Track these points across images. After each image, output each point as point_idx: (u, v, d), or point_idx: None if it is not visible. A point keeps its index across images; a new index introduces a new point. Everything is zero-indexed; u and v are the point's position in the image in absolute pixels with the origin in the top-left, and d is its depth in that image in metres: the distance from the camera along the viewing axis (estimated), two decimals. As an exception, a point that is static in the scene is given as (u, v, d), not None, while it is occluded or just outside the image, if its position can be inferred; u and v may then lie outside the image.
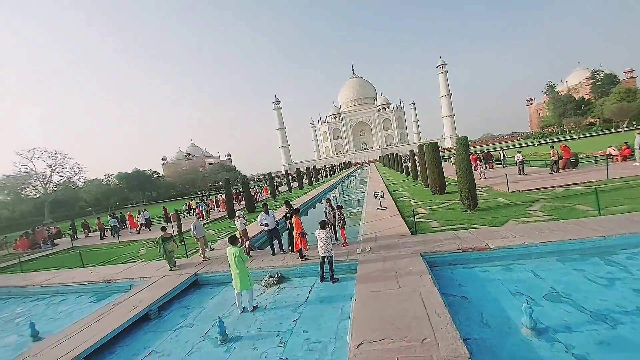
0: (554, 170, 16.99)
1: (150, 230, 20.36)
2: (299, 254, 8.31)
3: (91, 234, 24.04)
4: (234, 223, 11.12)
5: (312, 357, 4.57)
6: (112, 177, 78.04)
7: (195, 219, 10.56)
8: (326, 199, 10.35)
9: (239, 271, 6.24)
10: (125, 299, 7.51)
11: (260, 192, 34.80)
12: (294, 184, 39.64)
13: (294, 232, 8.27)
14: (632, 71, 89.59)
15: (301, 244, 8.10)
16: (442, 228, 9.55)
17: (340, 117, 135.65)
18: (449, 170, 21.33)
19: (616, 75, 78.73)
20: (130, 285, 8.97)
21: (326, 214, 9.48)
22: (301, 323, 5.59)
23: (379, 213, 13.21)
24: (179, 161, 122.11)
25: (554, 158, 17.09)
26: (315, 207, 21.79)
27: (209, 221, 20.38)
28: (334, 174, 62.71)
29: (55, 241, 22.17)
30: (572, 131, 71.87)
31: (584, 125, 72.98)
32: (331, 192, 30.31)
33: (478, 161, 21.07)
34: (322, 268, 7.23)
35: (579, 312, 4.63)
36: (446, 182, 16.36)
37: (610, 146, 18.58)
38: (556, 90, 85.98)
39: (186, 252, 11.01)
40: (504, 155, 26.18)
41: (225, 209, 21.38)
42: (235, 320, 6.12)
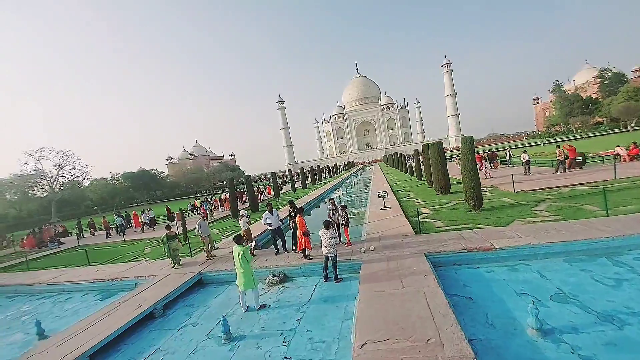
0: (558, 170, 16.83)
1: (154, 229, 20.52)
2: (302, 254, 8.32)
3: (97, 232, 24.30)
4: (238, 222, 11.17)
5: (316, 356, 4.56)
6: (117, 176, 78.71)
7: (201, 217, 10.62)
8: (330, 199, 10.35)
9: (243, 270, 6.27)
10: (131, 297, 7.57)
11: (264, 191, 34.80)
12: (298, 184, 39.71)
13: (298, 232, 8.28)
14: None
15: (305, 243, 8.12)
16: (446, 228, 9.50)
17: (344, 116, 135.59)
18: (453, 170, 21.19)
19: (624, 74, 77.54)
20: (135, 283, 9.05)
21: (330, 213, 9.49)
22: (305, 322, 5.59)
23: (382, 213, 13.18)
24: (183, 161, 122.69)
25: (560, 158, 16.92)
26: (319, 207, 21.78)
27: (212, 220, 20.50)
28: (337, 174, 62.68)
29: (62, 240, 22.45)
30: (579, 131, 71.03)
31: (591, 125, 72.03)
32: (335, 192, 30.30)
33: (483, 161, 20.95)
34: (325, 268, 7.24)
35: (586, 313, 4.57)
36: (451, 182, 16.27)
37: (618, 146, 18.37)
38: (563, 89, 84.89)
39: (190, 251, 11.07)
40: (510, 154, 26.01)
41: (229, 209, 21.48)
42: (239, 319, 6.14)
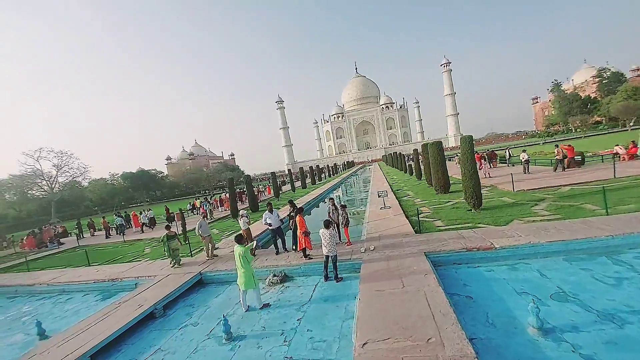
0: (556, 170, 16.86)
1: (152, 229, 20.51)
2: (302, 253, 8.33)
3: (97, 233, 24.26)
4: (238, 222, 11.16)
5: (317, 356, 4.56)
6: (116, 176, 78.60)
7: (201, 217, 10.63)
8: (330, 199, 10.35)
9: (244, 270, 6.27)
10: (131, 297, 7.57)
11: (264, 191, 34.77)
12: (297, 184, 39.69)
13: (298, 231, 8.28)
14: (639, 69, 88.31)
15: (305, 243, 8.12)
16: (446, 227, 9.51)
17: (343, 116, 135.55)
18: (453, 170, 21.21)
19: (623, 74, 77.67)
20: (136, 284, 9.05)
21: (330, 213, 9.49)
22: (305, 322, 5.60)
23: (382, 212, 13.18)
24: (183, 161, 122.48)
25: (558, 157, 16.96)
26: (319, 207, 21.78)
27: (212, 220, 20.49)
28: (337, 174, 62.67)
29: (62, 240, 22.40)
30: (578, 130, 71.09)
31: (590, 124, 72.11)
32: (334, 192, 30.30)
33: (483, 160, 20.98)
34: (326, 267, 7.24)
35: (586, 312, 4.59)
36: (450, 181, 16.28)
37: (617, 145, 18.40)
38: (562, 88, 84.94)
39: (190, 251, 11.06)
40: (509, 154, 26.04)
41: (229, 208, 21.48)
42: (239, 319, 6.14)
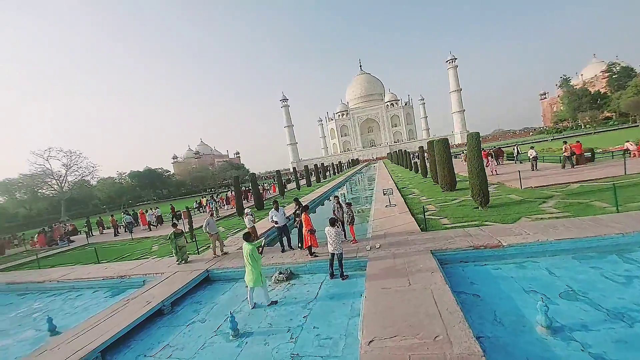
0: (565, 167, 16.59)
1: (157, 227, 20.76)
2: (308, 251, 8.35)
3: (105, 231, 24.61)
4: (243, 220, 11.21)
5: (323, 353, 4.58)
6: (124, 175, 79.59)
7: (209, 215, 10.71)
8: (335, 197, 10.34)
9: (251, 268, 6.32)
10: (139, 294, 7.67)
11: (269, 189, 34.88)
12: (302, 182, 39.74)
13: (304, 229, 8.30)
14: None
15: (310, 241, 8.13)
16: (452, 225, 9.44)
17: (348, 114, 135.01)
18: (459, 167, 21.01)
19: (633, 68, 75.90)
20: (144, 280, 9.16)
21: (335, 211, 9.48)
22: (311, 319, 5.62)
23: (388, 210, 13.14)
24: (188, 159, 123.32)
25: (566, 154, 16.68)
26: (324, 205, 21.79)
27: (218, 218, 20.61)
28: (341, 171, 62.58)
29: (71, 238, 22.82)
30: (587, 126, 69.93)
31: (599, 120, 70.85)
32: (339, 190, 30.28)
33: (489, 157, 20.76)
34: (331, 265, 7.25)
35: (596, 311, 4.52)
36: (456, 179, 16.14)
37: (628, 141, 18.05)
38: (571, 84, 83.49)
39: (197, 249, 11.16)
40: (517, 150, 25.71)
41: (235, 206, 21.62)
42: (246, 315, 6.19)
